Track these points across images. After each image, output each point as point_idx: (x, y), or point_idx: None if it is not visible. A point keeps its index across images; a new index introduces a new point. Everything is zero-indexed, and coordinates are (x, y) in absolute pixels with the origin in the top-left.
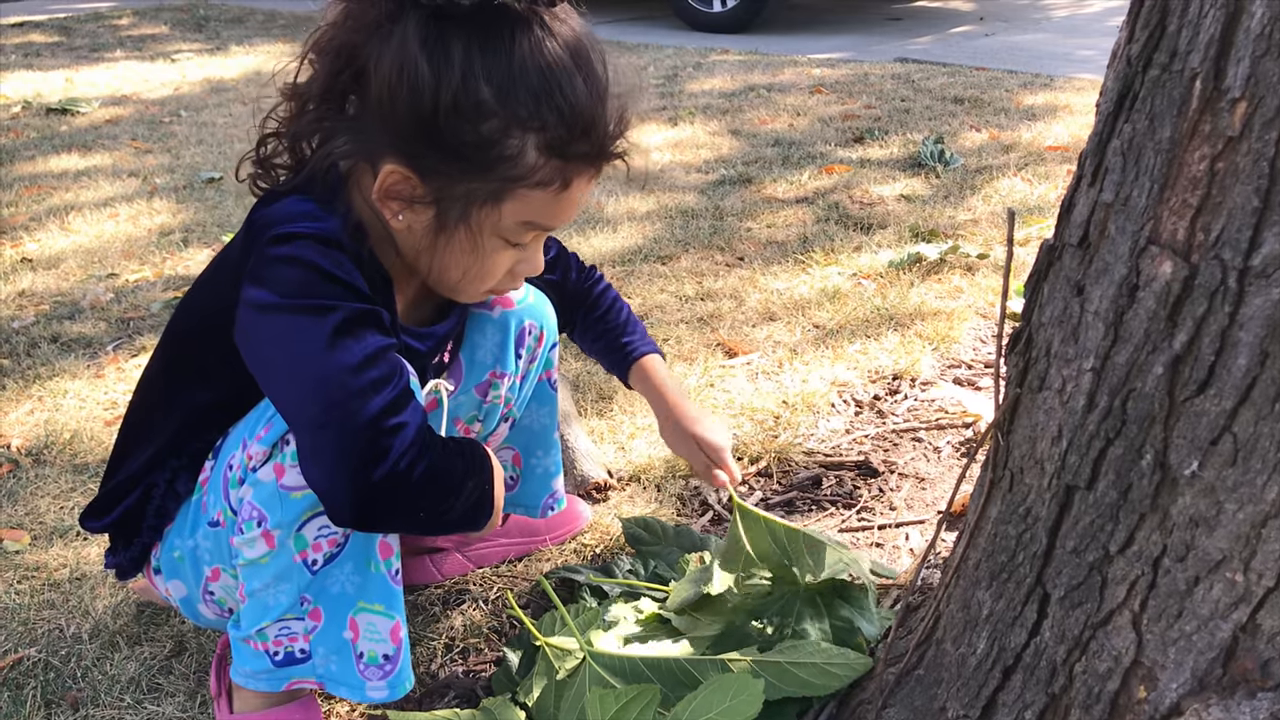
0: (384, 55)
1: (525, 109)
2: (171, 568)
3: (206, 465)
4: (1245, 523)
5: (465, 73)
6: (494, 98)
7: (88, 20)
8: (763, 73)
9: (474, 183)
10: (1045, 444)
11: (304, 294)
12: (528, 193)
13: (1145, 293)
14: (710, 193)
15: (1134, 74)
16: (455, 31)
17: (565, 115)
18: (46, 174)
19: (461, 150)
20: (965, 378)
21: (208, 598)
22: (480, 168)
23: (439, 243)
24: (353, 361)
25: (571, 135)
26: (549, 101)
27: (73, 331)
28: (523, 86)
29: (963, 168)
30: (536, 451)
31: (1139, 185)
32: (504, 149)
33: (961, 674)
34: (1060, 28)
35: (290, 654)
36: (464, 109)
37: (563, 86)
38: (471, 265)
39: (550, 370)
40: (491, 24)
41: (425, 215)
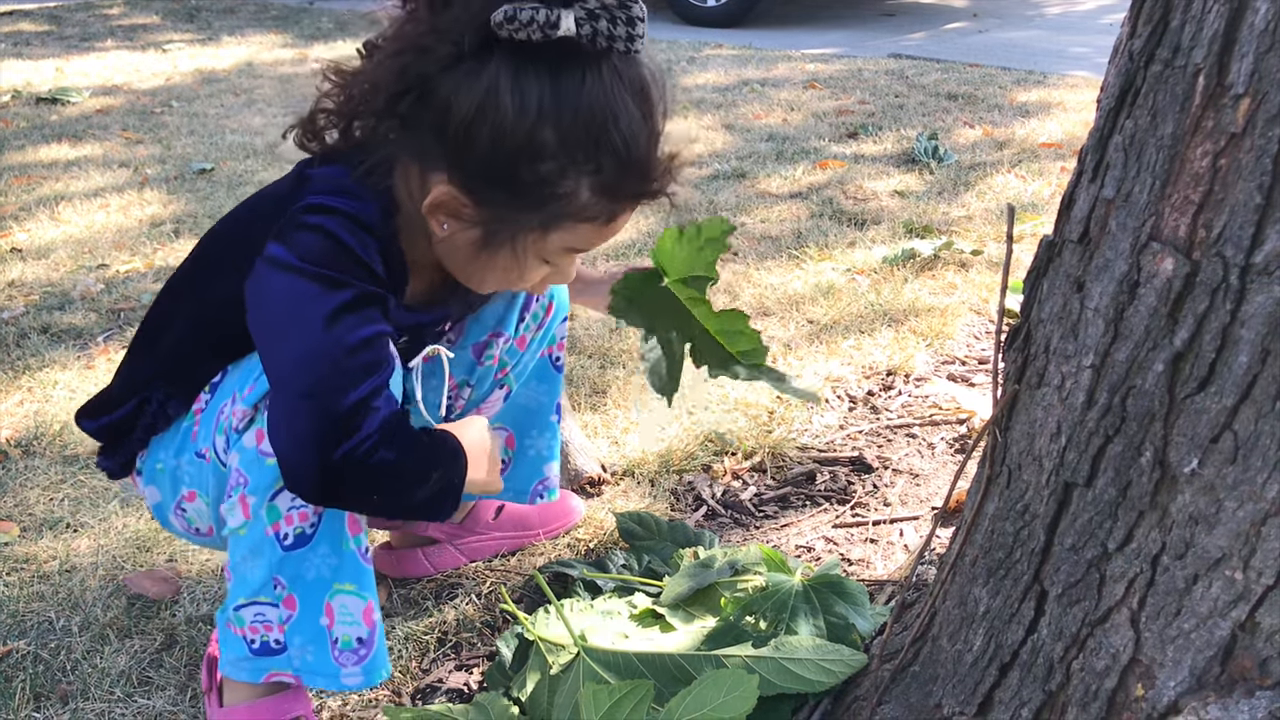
0: (468, 92)
1: (583, 152)
2: (151, 476)
3: (202, 396)
4: (1245, 521)
5: (538, 117)
6: (555, 141)
7: (78, 9)
8: (757, 68)
9: (525, 215)
10: (1044, 440)
11: (321, 263)
12: (575, 225)
13: (1146, 289)
14: (704, 188)
15: (1136, 69)
16: (534, 72)
17: (621, 160)
18: (36, 164)
19: (518, 187)
20: (959, 374)
21: (179, 513)
22: (534, 203)
23: (481, 257)
24: (351, 342)
25: (623, 178)
26: (607, 146)
27: (63, 322)
28: (584, 130)
29: (956, 164)
30: (531, 432)
31: (1140, 181)
32: (558, 188)
33: (958, 671)
34: (1053, 25)
35: (266, 644)
36: (528, 151)
37: (622, 132)
38: (511, 279)
39: (555, 346)
40: (565, 62)
41: (471, 232)
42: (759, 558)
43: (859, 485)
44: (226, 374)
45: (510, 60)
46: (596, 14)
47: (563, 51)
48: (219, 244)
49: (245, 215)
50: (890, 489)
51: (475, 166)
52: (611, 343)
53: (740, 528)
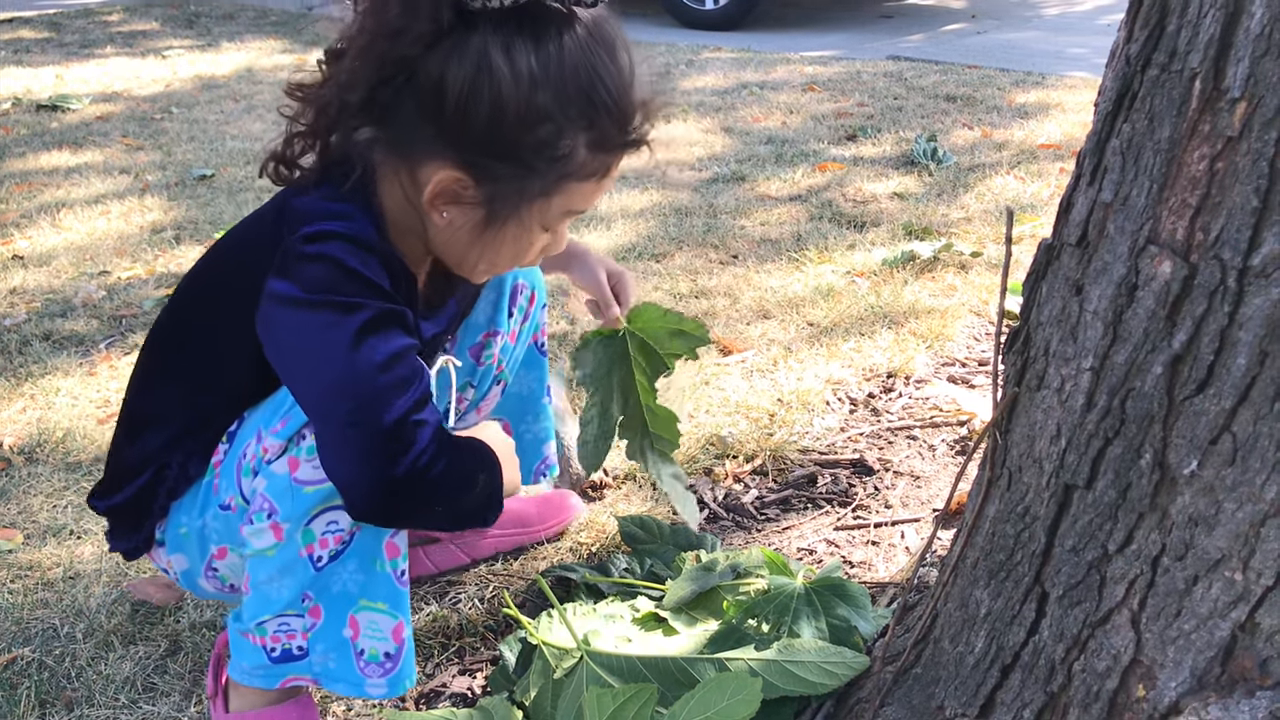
0: (458, 66)
1: (576, 109)
2: (176, 542)
3: (220, 448)
4: (1244, 522)
5: (531, 81)
6: (552, 102)
7: (78, 16)
8: (755, 70)
9: (528, 182)
10: (1044, 443)
11: (330, 290)
12: (575, 185)
13: (1144, 292)
14: (704, 190)
15: (1133, 73)
16: (519, 39)
17: (612, 112)
18: (37, 171)
19: (518, 154)
20: (960, 376)
21: (210, 574)
22: (535, 168)
23: (485, 236)
24: (379, 360)
25: (617, 132)
26: (596, 100)
27: (65, 329)
28: (573, 88)
29: (955, 166)
30: (526, 418)
31: (1138, 185)
32: (558, 149)
33: (959, 672)
34: (1051, 26)
35: (288, 650)
36: (526, 116)
37: (606, 84)
38: (514, 254)
39: (539, 333)
40: (541, 25)
41: (474, 214)
42: (761, 560)
43: (860, 487)
44: (243, 421)
45: (495, 29)
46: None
47: (536, 15)
48: (208, 293)
49: (231, 259)
50: (891, 491)
51: (475, 142)
52: None
53: (742, 530)
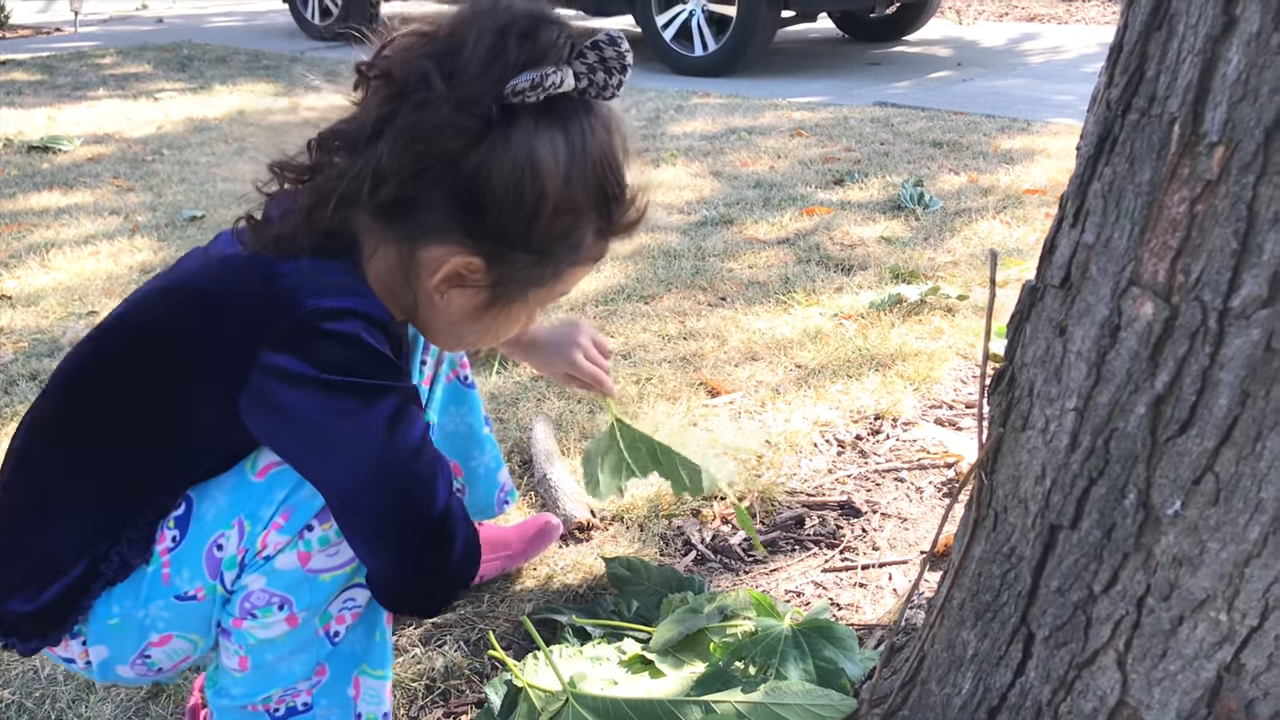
0: (503, 162)
1: (591, 201)
2: (101, 634)
3: (165, 533)
4: (1228, 562)
5: (566, 175)
6: (580, 195)
7: (71, 59)
8: (744, 116)
9: (538, 270)
10: (1029, 483)
11: (352, 372)
12: (578, 270)
13: (1127, 333)
14: (692, 233)
15: (1114, 118)
16: (551, 132)
17: (620, 203)
18: (27, 211)
19: (541, 245)
20: (947, 418)
21: (139, 661)
22: (548, 257)
23: (479, 316)
24: (414, 445)
25: (619, 220)
26: (609, 190)
27: (51, 369)
28: (593, 180)
29: (942, 210)
30: (473, 453)
31: (1120, 227)
32: (575, 239)
33: (947, 714)
34: (1036, 73)
35: (292, 708)
36: (561, 209)
37: (617, 175)
38: (497, 333)
39: (457, 368)
40: (569, 116)
41: (475, 297)
42: (748, 602)
43: (848, 529)
44: (192, 503)
45: (534, 123)
46: (594, 67)
47: (564, 106)
48: (152, 359)
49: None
50: (879, 533)
51: (504, 233)
52: None
53: (730, 572)
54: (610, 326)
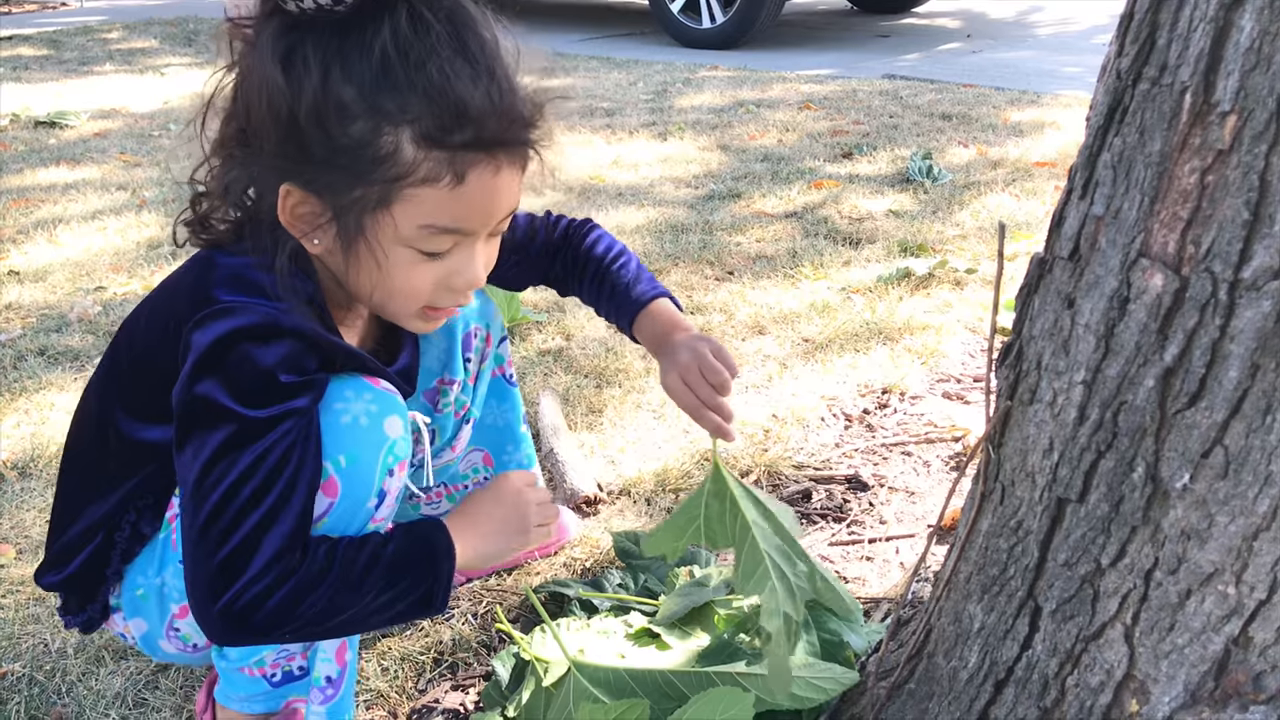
0: (250, 75)
1: (391, 102)
2: (133, 606)
3: (174, 501)
4: (1237, 535)
5: (323, 76)
6: (357, 96)
7: (77, 34)
8: (752, 89)
9: (360, 189)
10: (1036, 457)
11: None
12: (416, 192)
13: (1136, 305)
14: (700, 207)
15: (1124, 88)
16: (314, 37)
17: (438, 101)
18: (34, 187)
19: (338, 157)
20: (954, 392)
21: (172, 634)
22: (361, 172)
23: (350, 260)
24: (227, 484)
25: (448, 123)
26: (416, 89)
27: (60, 345)
28: (387, 79)
29: (950, 183)
30: (506, 448)
31: (1129, 198)
32: (379, 148)
33: (953, 688)
34: (1046, 45)
35: (289, 673)
36: (327, 113)
37: (432, 71)
38: (383, 281)
39: (503, 365)
40: (352, 21)
41: (331, 234)
42: None
43: (855, 503)
44: None
45: (280, 31)
46: None
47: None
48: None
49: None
50: (886, 507)
51: (285, 148)
52: (607, 362)
53: None
54: None
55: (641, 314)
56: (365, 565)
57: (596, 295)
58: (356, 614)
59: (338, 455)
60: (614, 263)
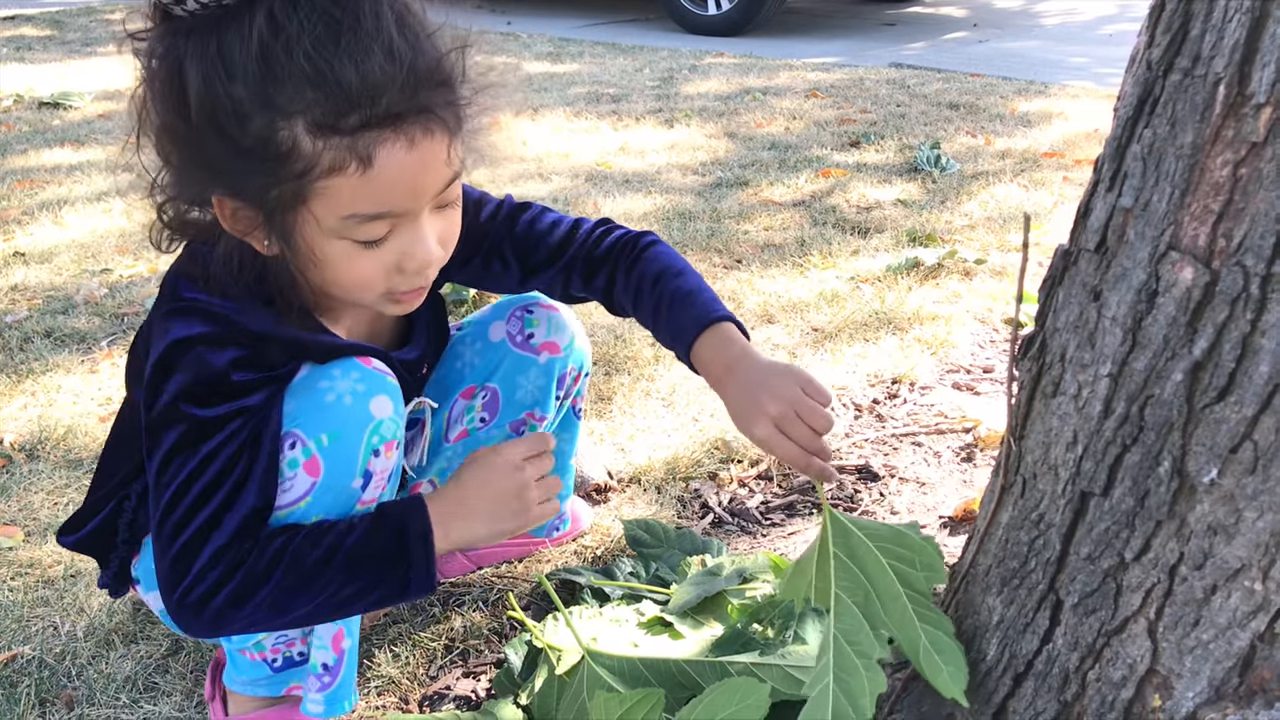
0: (149, 89)
1: (279, 94)
2: (150, 578)
3: None
4: (1265, 531)
5: (209, 79)
6: (246, 94)
7: (80, 14)
8: (758, 76)
9: (274, 189)
10: (1060, 450)
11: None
12: (325, 184)
13: (1165, 299)
14: (707, 195)
15: (1154, 78)
16: (195, 40)
17: (323, 88)
18: (39, 168)
19: (246, 159)
20: (964, 382)
21: None
22: (269, 172)
23: (295, 258)
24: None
25: (338, 106)
26: (297, 77)
27: (66, 326)
28: (269, 70)
29: (959, 173)
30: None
31: (1159, 190)
32: (277, 145)
33: (971, 680)
34: (1053, 35)
35: (289, 658)
36: (222, 116)
37: (309, 57)
38: (330, 274)
39: (578, 399)
40: (224, 18)
41: (261, 235)
42: (766, 565)
43: (865, 493)
44: None
45: (160, 36)
46: None
47: (217, 6)
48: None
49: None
50: (897, 497)
51: (192, 155)
52: (616, 350)
53: (747, 535)
54: None
55: (699, 339)
56: (321, 558)
57: (652, 316)
58: (323, 604)
59: (319, 434)
60: (670, 280)
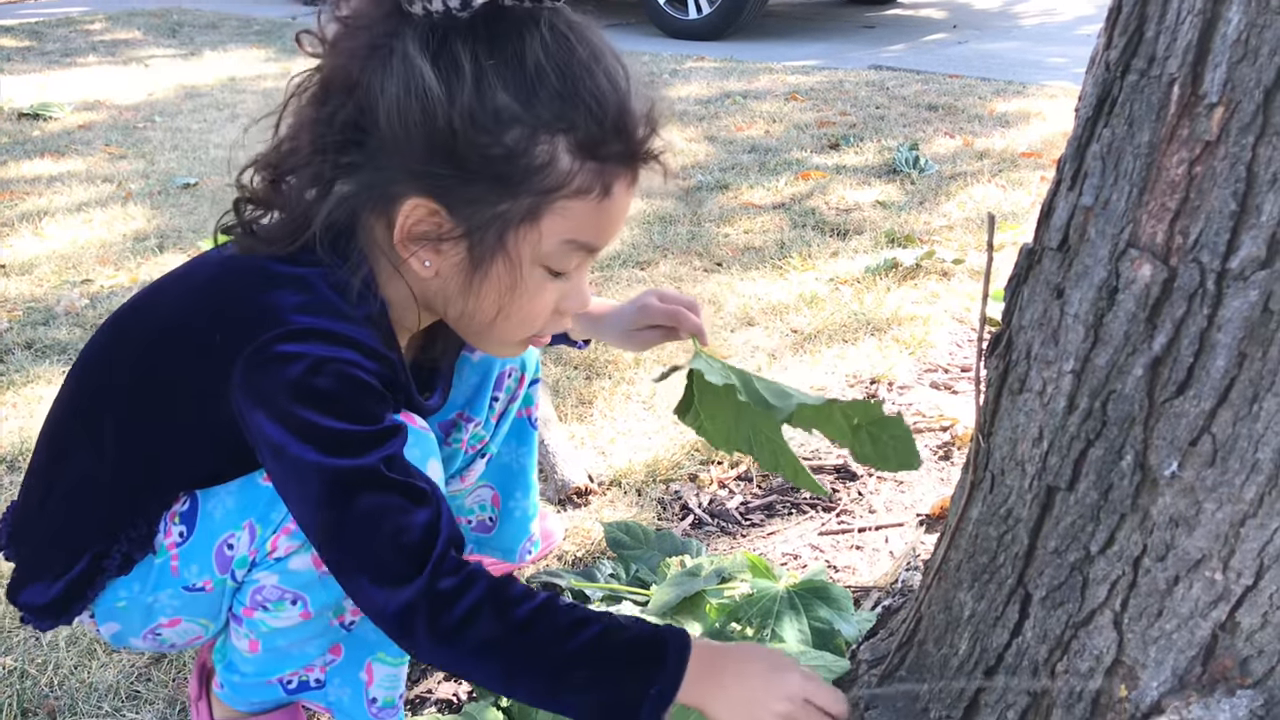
0: (388, 77)
1: (549, 110)
2: (109, 614)
3: (171, 529)
4: (1224, 522)
5: (478, 80)
6: (514, 102)
7: (59, 25)
8: (738, 80)
9: (506, 202)
10: (1026, 445)
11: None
12: (567, 204)
13: (1125, 295)
14: (688, 198)
15: (1112, 79)
16: (460, 39)
17: (594, 111)
18: (19, 179)
19: (487, 167)
20: (942, 382)
21: (150, 636)
22: (511, 183)
23: (474, 282)
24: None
25: (604, 133)
26: (574, 99)
27: (47, 338)
28: (543, 86)
29: (937, 174)
30: (515, 493)
31: (1118, 189)
32: (533, 158)
33: (944, 674)
34: (1031, 35)
35: (304, 683)
36: (482, 120)
37: (585, 82)
38: (512, 302)
39: (531, 408)
40: (497, 27)
41: (457, 253)
42: (745, 565)
43: (844, 493)
44: (198, 500)
45: (427, 33)
46: None
47: (489, 18)
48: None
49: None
50: (875, 496)
51: (428, 156)
52: (598, 353)
53: (727, 536)
54: (606, 292)
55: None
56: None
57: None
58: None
59: None
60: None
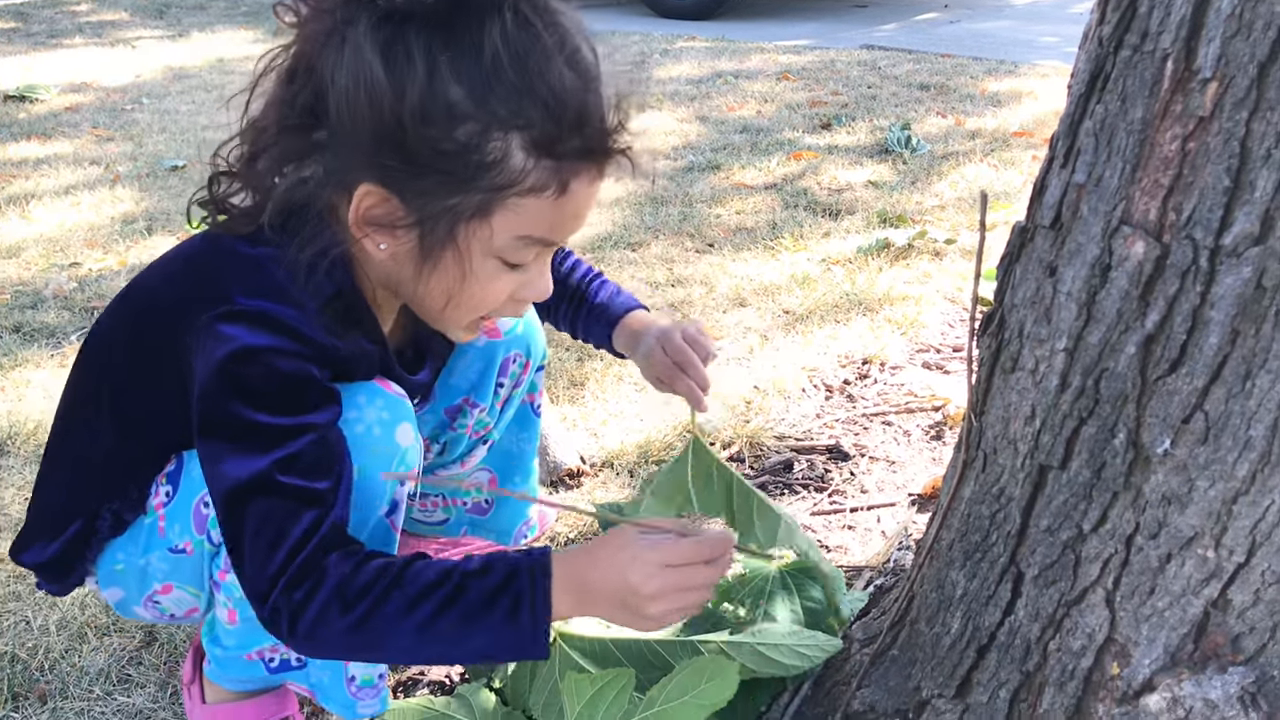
0: (338, 67)
1: (504, 106)
2: (110, 578)
3: (160, 490)
4: (1217, 500)
5: (430, 73)
6: (467, 97)
7: (45, 6)
8: (730, 60)
9: (457, 197)
10: (1018, 424)
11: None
12: (520, 201)
13: (1118, 273)
14: (679, 179)
15: (1105, 55)
16: (415, 29)
17: (551, 108)
18: (5, 162)
19: (438, 161)
20: (934, 362)
21: (150, 604)
22: (462, 179)
23: (424, 270)
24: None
25: (561, 129)
26: (531, 94)
27: (36, 321)
28: (499, 80)
29: (929, 154)
30: (514, 477)
31: (1111, 166)
32: (485, 154)
33: (936, 653)
34: (1023, 15)
35: (285, 661)
36: (433, 114)
37: (545, 76)
38: (462, 292)
39: (535, 394)
40: (456, 16)
41: (409, 240)
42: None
43: (836, 473)
44: (184, 460)
45: (379, 20)
46: None
47: (450, 5)
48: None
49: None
50: (867, 476)
51: (378, 147)
52: None
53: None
54: None
55: (620, 323)
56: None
57: (574, 317)
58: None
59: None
60: (590, 284)
